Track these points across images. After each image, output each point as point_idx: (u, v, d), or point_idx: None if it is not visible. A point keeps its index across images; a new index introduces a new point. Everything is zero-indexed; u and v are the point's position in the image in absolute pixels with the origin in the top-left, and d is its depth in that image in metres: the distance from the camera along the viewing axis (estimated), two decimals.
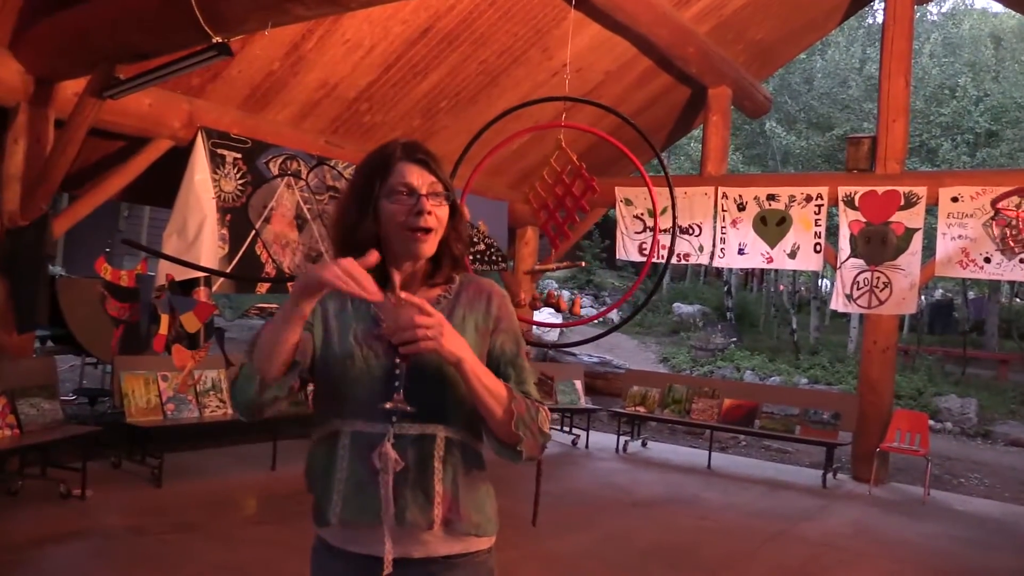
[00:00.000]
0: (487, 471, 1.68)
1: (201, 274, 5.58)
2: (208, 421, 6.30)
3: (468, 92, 7.87)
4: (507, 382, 1.59)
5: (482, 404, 1.52)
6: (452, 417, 1.58)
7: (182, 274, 5.70)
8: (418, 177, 1.57)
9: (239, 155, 6.75)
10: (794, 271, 14.98)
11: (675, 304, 18.93)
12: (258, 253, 6.82)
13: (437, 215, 1.57)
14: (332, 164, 7.57)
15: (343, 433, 1.59)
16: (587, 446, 8.56)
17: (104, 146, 6.54)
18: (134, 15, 4.50)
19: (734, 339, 15.97)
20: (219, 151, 6.58)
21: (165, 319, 4.17)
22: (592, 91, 8.53)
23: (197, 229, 6.36)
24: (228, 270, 6.56)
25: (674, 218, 4.77)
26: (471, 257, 9.24)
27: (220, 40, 4.21)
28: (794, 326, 16.11)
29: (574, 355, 12.15)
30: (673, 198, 4.76)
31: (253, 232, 6.80)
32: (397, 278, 1.55)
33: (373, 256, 1.46)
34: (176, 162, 6.37)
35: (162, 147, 6.33)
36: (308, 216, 7.32)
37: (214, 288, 6.66)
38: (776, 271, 17.02)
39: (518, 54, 7.58)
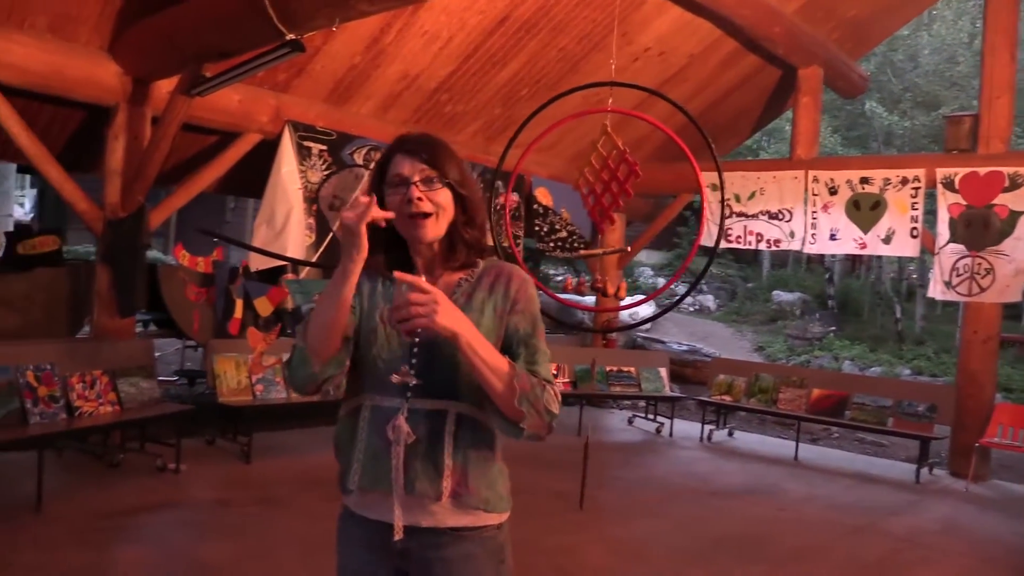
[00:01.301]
0: (501, 451, 1.74)
1: (279, 262, 5.83)
2: (296, 402, 6.59)
3: (548, 79, 7.89)
4: (517, 360, 1.65)
5: (481, 378, 1.58)
6: (464, 394, 1.66)
7: (264, 262, 5.96)
8: (408, 166, 1.66)
9: (324, 147, 6.99)
10: (900, 257, 14.35)
11: (774, 292, 18.42)
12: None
13: (433, 200, 1.66)
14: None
15: (364, 406, 1.70)
16: (671, 434, 8.49)
17: (199, 141, 6.90)
18: (216, 16, 4.72)
19: (833, 328, 15.43)
20: (305, 143, 6.84)
21: (239, 303, 4.39)
22: (676, 74, 8.41)
23: (284, 219, 6.64)
24: (315, 258, 6.82)
25: (722, 201, 4.71)
26: (552, 244, 9.28)
27: (293, 37, 4.38)
28: (898, 314, 15.42)
29: (662, 343, 12.02)
30: (722, 181, 4.68)
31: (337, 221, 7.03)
32: (419, 263, 1.71)
33: (372, 205, 1.55)
34: (265, 155, 6.66)
35: (251, 141, 6.62)
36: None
37: (301, 275, 6.95)
38: (881, 257, 16.33)
39: (597, 40, 7.54)
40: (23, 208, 19.89)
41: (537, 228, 9.15)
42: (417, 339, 1.66)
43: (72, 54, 5.42)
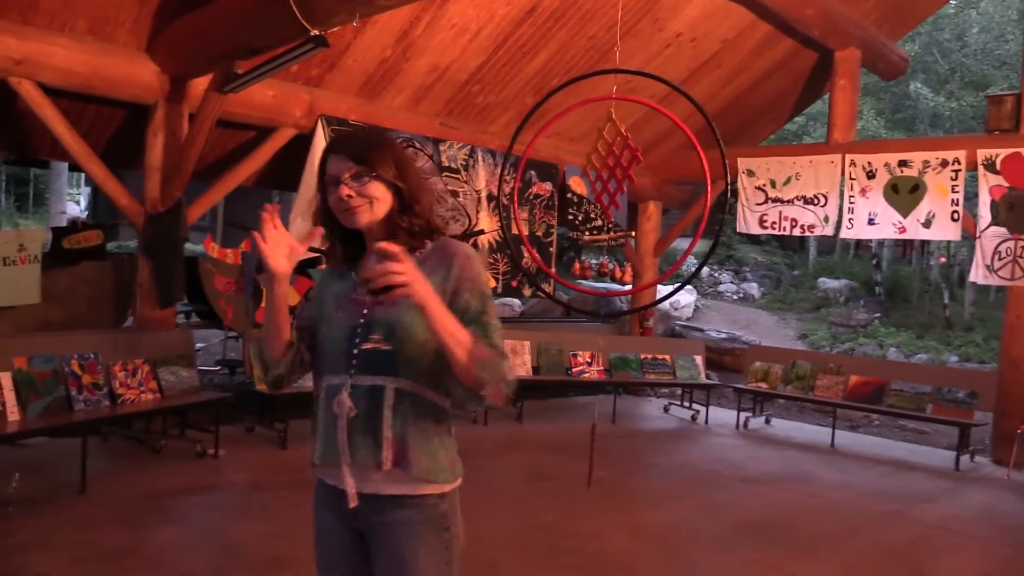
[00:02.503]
0: (446, 424, 1.82)
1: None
2: None
3: (579, 68, 7.89)
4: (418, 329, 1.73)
5: (446, 348, 1.66)
6: (403, 371, 1.75)
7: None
8: (337, 166, 1.78)
9: None
10: (950, 242, 14.03)
11: (820, 279, 18.15)
12: None
13: (363, 193, 1.77)
14: (451, 147, 7.83)
15: (321, 386, 1.85)
16: (707, 422, 8.47)
17: (236, 137, 7.08)
18: (244, 14, 4.87)
19: (878, 315, 15.16)
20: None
21: (266, 293, 4.54)
22: (709, 61, 8.36)
23: None
24: None
25: (727, 190, 4.71)
26: (587, 233, 9.30)
27: (316, 33, 4.50)
28: (946, 300, 15.07)
29: (701, 330, 11.96)
30: (726, 168, 4.67)
31: None
32: (373, 247, 1.77)
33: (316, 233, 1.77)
34: (300, 149, 6.82)
35: (286, 135, 6.78)
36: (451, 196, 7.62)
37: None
38: (929, 242, 15.96)
39: (627, 27, 7.52)
40: (78, 205, 20.54)
41: (571, 217, 9.17)
42: (362, 319, 1.79)
43: (112, 55, 5.63)
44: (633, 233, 9.40)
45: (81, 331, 5.86)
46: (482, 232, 7.72)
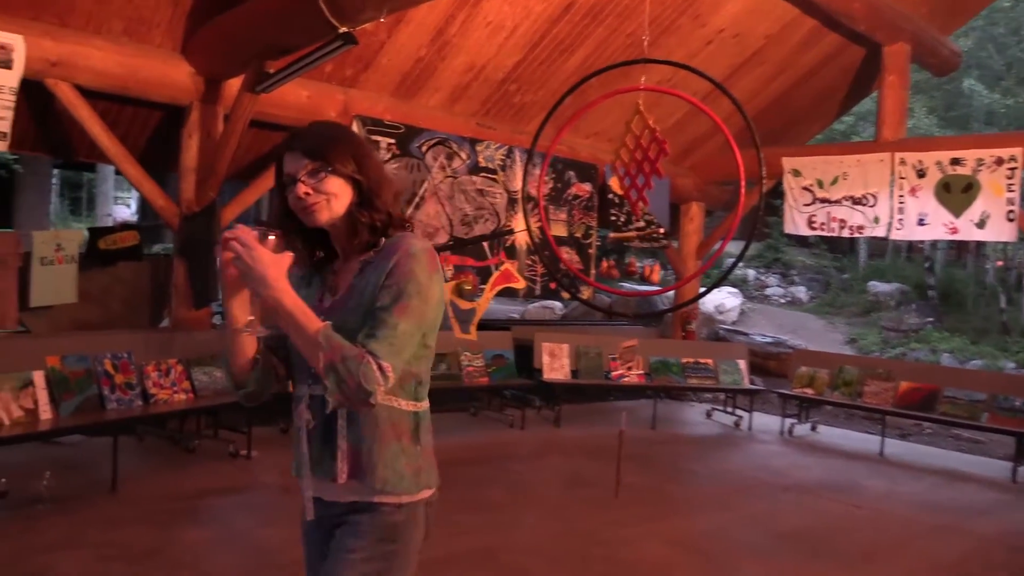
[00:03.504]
0: (410, 430, 1.75)
1: None
2: None
3: (614, 71, 7.75)
4: (360, 332, 1.63)
5: (294, 343, 1.63)
6: None
7: None
8: (293, 164, 1.71)
9: (393, 140, 7.08)
10: (1007, 244, 13.54)
11: (871, 282, 17.68)
12: (428, 232, 7.15)
13: (321, 189, 1.69)
14: (490, 147, 7.74)
15: (294, 396, 1.82)
16: (750, 428, 8.25)
17: (272, 138, 7.08)
18: (273, 13, 4.84)
19: (931, 319, 14.68)
20: (374, 137, 6.94)
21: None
22: (752, 57, 8.15)
23: None
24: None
25: (761, 189, 4.51)
26: (634, 235, 9.14)
27: (345, 30, 4.44)
28: (1003, 305, 14.54)
29: (745, 334, 11.70)
30: (762, 164, 4.48)
31: (408, 214, 7.12)
32: (338, 249, 1.82)
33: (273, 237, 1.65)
34: None
35: None
36: (463, 196, 7.55)
37: None
38: (985, 244, 15.44)
39: (667, 24, 7.38)
40: (129, 208, 20.95)
41: (613, 218, 9.03)
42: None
43: (147, 56, 5.66)
44: (663, 230, 9.18)
45: (115, 331, 5.90)
46: (512, 232, 7.60)
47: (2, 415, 4.61)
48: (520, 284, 4.78)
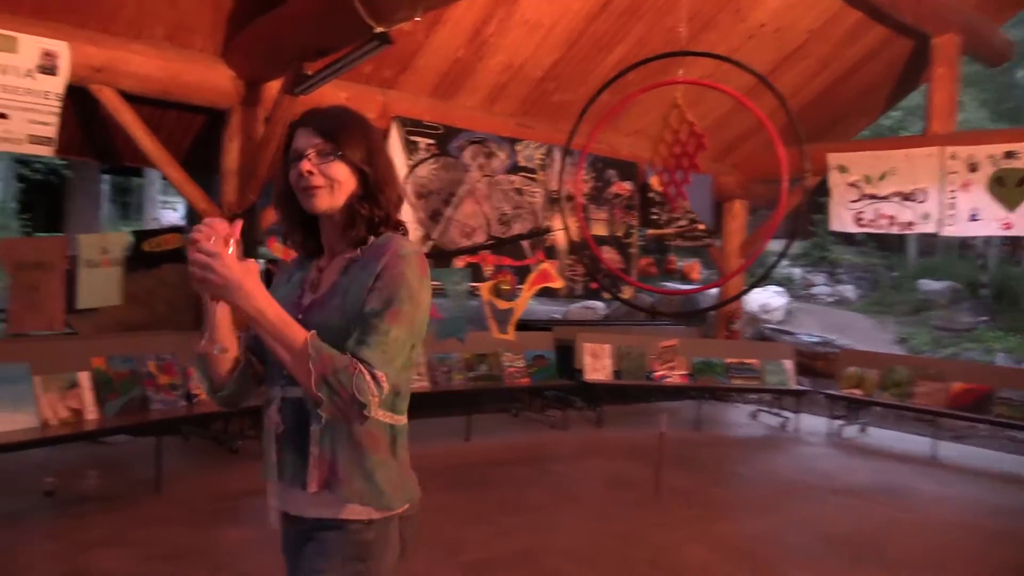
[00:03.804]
0: (389, 440, 1.65)
1: None
2: (416, 392, 6.69)
3: (658, 63, 7.64)
4: (350, 339, 1.54)
5: (273, 352, 1.51)
6: None
7: None
8: (304, 140, 1.64)
9: (432, 141, 7.08)
10: None
11: (921, 280, 17.24)
12: (453, 232, 7.14)
13: (326, 173, 1.62)
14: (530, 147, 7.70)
15: (266, 398, 1.73)
16: (797, 430, 8.08)
17: None
18: (310, 15, 4.86)
19: (984, 318, 14.25)
20: (412, 138, 6.95)
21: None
22: (795, 52, 8.00)
23: None
24: (426, 250, 6.91)
25: (805, 186, 4.37)
26: (672, 232, 9.03)
27: (381, 30, 4.44)
28: None
29: (791, 334, 11.49)
30: (804, 163, 4.33)
31: (447, 213, 7.12)
32: (325, 240, 1.72)
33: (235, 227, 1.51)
34: None
35: None
36: (501, 195, 7.52)
37: None
38: None
39: (707, 19, 7.26)
40: (176, 212, 21.32)
41: (654, 217, 8.93)
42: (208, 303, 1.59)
43: (188, 61, 5.72)
44: (702, 226, 9.02)
45: (159, 332, 5.98)
46: (549, 231, 7.53)
47: (49, 415, 4.70)
48: (558, 284, 4.73)
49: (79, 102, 5.65)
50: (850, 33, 7.95)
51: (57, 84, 5.08)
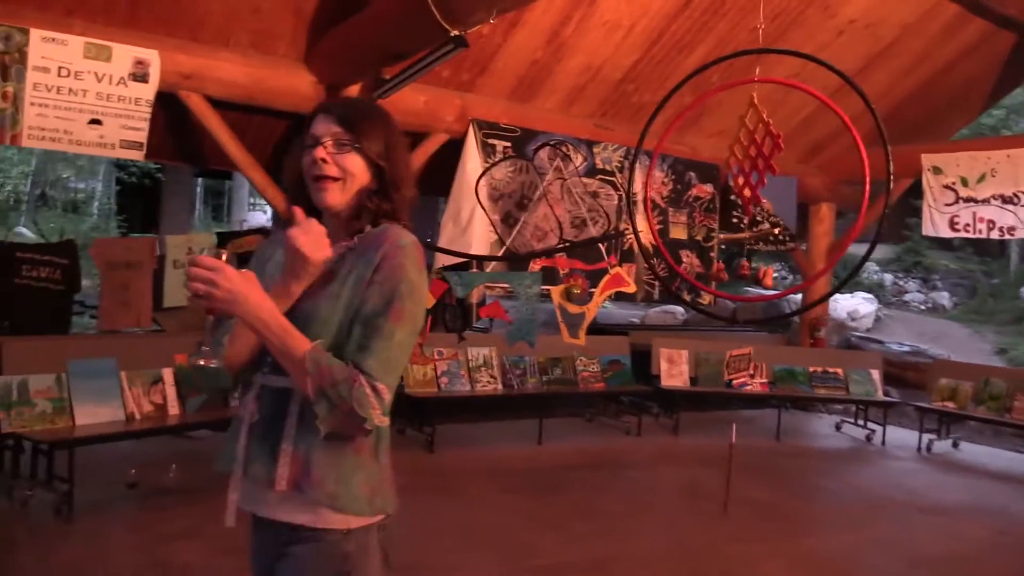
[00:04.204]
0: (370, 444, 1.55)
1: (462, 259, 5.96)
2: (479, 395, 6.74)
3: (741, 62, 7.41)
4: (349, 341, 1.49)
5: (278, 359, 1.46)
6: None
7: (449, 259, 6.13)
8: (323, 127, 1.57)
9: (509, 143, 7.07)
10: None
11: (1023, 288, 16.37)
12: (527, 235, 7.11)
13: (340, 164, 1.56)
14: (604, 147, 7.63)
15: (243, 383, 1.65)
16: (883, 443, 7.75)
17: None
18: (388, 20, 4.91)
19: None
20: (490, 141, 6.95)
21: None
22: (888, 48, 7.67)
23: (469, 216, 6.79)
24: (500, 253, 6.91)
25: (888, 188, 4.17)
26: (746, 237, 8.79)
27: (456, 33, 4.45)
28: None
29: (880, 343, 11.05)
30: (889, 165, 4.12)
31: (522, 216, 7.10)
32: (299, 216, 1.56)
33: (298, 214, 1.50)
34: (452, 154, 6.85)
35: (438, 140, 6.83)
36: (574, 198, 7.46)
37: (488, 270, 7.06)
38: None
39: (793, 16, 7.04)
40: (265, 214, 21.98)
41: (735, 221, 8.71)
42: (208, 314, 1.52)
43: (272, 67, 5.86)
44: (777, 230, 8.73)
45: None
46: (621, 234, 7.40)
47: (134, 409, 4.88)
48: (631, 288, 4.64)
49: (168, 108, 5.85)
50: (947, 27, 7.58)
51: (148, 91, 5.28)
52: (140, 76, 5.24)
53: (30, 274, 5.82)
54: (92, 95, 5.12)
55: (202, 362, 1.47)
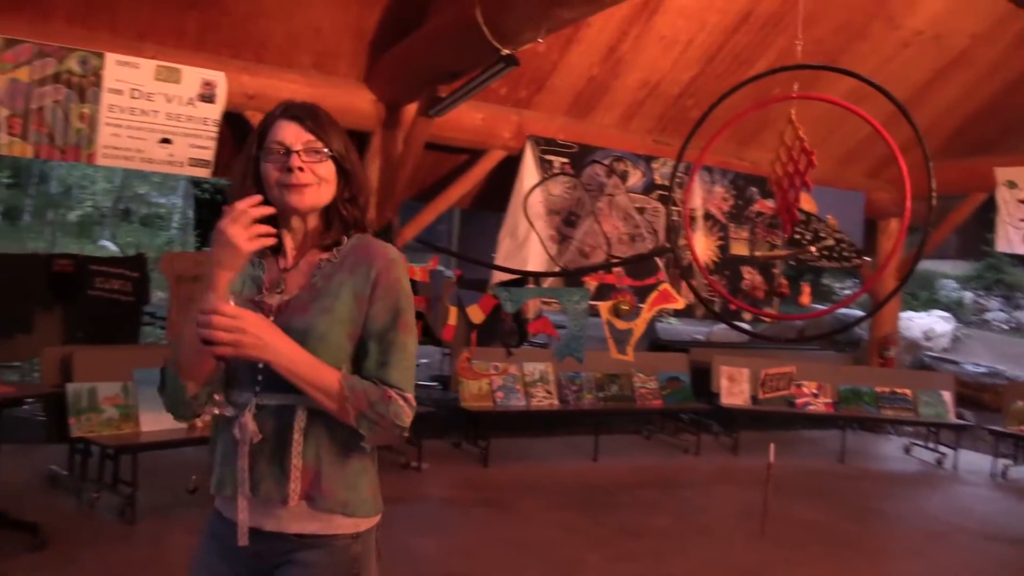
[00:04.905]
0: (368, 448, 1.60)
1: (516, 275, 6.00)
2: (535, 410, 6.75)
3: (803, 76, 7.30)
4: (366, 358, 1.55)
5: (312, 399, 1.49)
6: None
7: (505, 275, 6.20)
8: (292, 134, 1.55)
9: (566, 160, 7.10)
10: None
11: None
12: (584, 251, 7.12)
13: (315, 171, 1.55)
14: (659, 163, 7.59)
15: (225, 403, 1.61)
16: (955, 467, 7.47)
17: (451, 160, 7.31)
18: (443, 40, 5.02)
19: None
20: (547, 157, 7.00)
21: (453, 311, 4.59)
22: (956, 59, 7.44)
23: (526, 232, 6.84)
24: (551, 269, 6.92)
25: (930, 204, 4.03)
26: (819, 253, 8.61)
27: (507, 52, 4.52)
28: None
29: (955, 363, 10.66)
30: (930, 178, 4.00)
31: (573, 231, 7.11)
32: (289, 241, 1.60)
33: (256, 198, 1.46)
34: (509, 170, 6.92)
35: (496, 157, 6.91)
36: (635, 214, 7.44)
37: (544, 285, 7.09)
38: None
39: (858, 28, 6.90)
40: None
41: (798, 236, 8.55)
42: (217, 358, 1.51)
43: (333, 87, 6.02)
44: (813, 248, 8.48)
45: None
46: (669, 250, 7.32)
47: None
48: (680, 304, 4.61)
49: (235, 127, 6.06)
50: (1021, 36, 7.31)
51: (215, 111, 5.49)
52: (207, 97, 5.46)
53: (102, 286, 6.10)
54: (162, 115, 5.36)
55: (216, 411, 1.53)
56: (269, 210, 1.50)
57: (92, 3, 5.16)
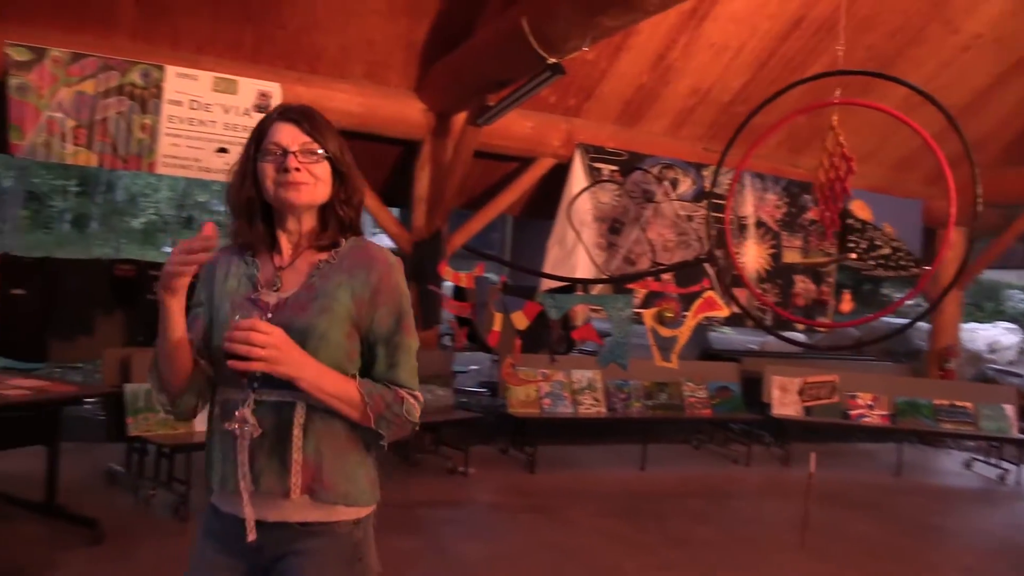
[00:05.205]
0: (365, 440, 1.64)
1: (564, 283, 6.02)
2: (583, 417, 6.75)
3: (858, 81, 7.19)
4: (376, 362, 1.63)
5: (335, 409, 1.56)
6: None
7: (554, 282, 6.22)
8: (288, 135, 1.59)
9: (615, 167, 7.11)
10: None
11: None
12: (631, 259, 7.11)
13: (312, 172, 1.59)
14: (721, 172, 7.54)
15: (216, 401, 1.66)
16: (1018, 483, 7.24)
17: (501, 168, 7.37)
18: (490, 49, 5.08)
19: None
20: (596, 165, 7.01)
21: (498, 317, 4.63)
22: (1018, 63, 7.26)
23: (574, 239, 6.86)
24: (597, 275, 6.92)
25: (976, 211, 3.91)
26: (874, 262, 8.44)
27: (554, 61, 4.56)
28: None
29: (1020, 376, 10.32)
30: (976, 180, 3.89)
31: (626, 239, 7.10)
32: (284, 241, 1.65)
33: (208, 228, 1.47)
34: (559, 178, 6.95)
35: (545, 165, 6.96)
36: (683, 222, 7.40)
37: (593, 292, 7.08)
38: None
39: (913, 33, 6.78)
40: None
41: (853, 245, 8.39)
42: (243, 376, 1.57)
43: (384, 96, 6.15)
44: (855, 256, 8.28)
45: None
46: (712, 259, 7.26)
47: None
48: (723, 312, 4.57)
49: None
50: None
51: None
52: (263, 107, 5.61)
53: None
54: (220, 125, 5.53)
55: (237, 427, 1.55)
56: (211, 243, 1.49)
57: (153, 18, 5.36)
